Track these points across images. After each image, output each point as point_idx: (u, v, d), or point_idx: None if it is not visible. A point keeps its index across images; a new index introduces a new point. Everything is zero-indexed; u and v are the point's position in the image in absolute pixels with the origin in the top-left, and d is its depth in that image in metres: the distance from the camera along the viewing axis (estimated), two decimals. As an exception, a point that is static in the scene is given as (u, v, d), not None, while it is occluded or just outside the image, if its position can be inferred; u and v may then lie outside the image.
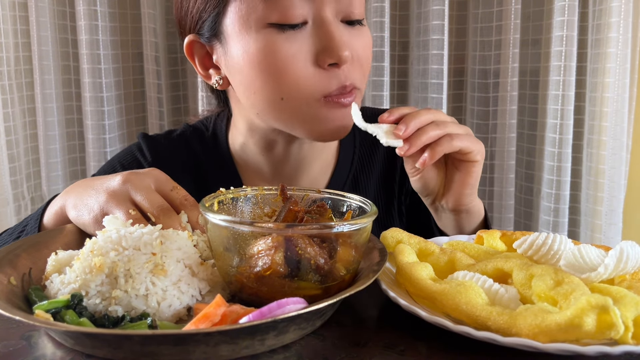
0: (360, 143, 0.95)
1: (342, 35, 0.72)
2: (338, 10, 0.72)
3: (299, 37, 0.71)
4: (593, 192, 1.47)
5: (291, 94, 0.72)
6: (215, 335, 0.44)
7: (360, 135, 0.95)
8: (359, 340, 0.49)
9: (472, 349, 0.47)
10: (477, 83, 1.50)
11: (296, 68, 0.71)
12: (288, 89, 0.72)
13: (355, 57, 0.74)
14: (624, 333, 0.43)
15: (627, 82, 1.41)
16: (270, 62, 0.71)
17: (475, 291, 0.49)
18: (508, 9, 1.42)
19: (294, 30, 0.71)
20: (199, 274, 0.55)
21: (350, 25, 0.74)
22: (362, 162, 0.94)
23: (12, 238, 0.74)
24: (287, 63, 0.71)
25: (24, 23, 1.46)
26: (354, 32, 0.75)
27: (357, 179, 0.93)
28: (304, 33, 0.71)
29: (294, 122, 0.76)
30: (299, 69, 0.71)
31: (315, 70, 0.72)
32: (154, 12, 1.47)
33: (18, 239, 0.72)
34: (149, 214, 0.61)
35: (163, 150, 0.91)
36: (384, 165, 0.94)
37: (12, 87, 1.44)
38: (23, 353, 0.47)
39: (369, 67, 0.80)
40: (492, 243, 0.65)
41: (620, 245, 0.53)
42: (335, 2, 0.72)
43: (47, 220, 0.70)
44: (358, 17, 0.74)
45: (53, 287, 0.53)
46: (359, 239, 0.54)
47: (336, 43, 0.70)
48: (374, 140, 0.93)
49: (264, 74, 0.72)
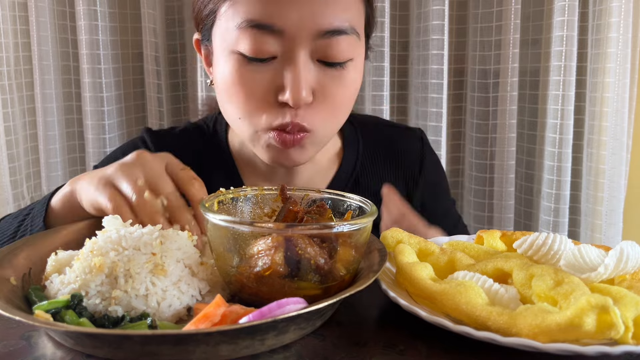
0: (364, 147, 0.95)
1: (307, 76, 0.71)
2: (314, 50, 0.71)
3: (265, 70, 0.72)
4: (593, 192, 1.47)
5: (246, 118, 0.75)
6: (215, 335, 0.44)
7: (364, 138, 0.95)
8: (359, 340, 0.49)
9: (472, 349, 0.47)
10: (477, 83, 1.50)
11: (253, 97, 0.73)
12: (243, 112, 0.75)
13: (322, 99, 0.73)
14: (624, 333, 0.43)
15: (627, 82, 1.41)
16: (232, 86, 0.74)
17: (475, 291, 0.49)
18: (508, 9, 1.42)
19: (262, 63, 0.72)
20: (199, 274, 0.55)
21: (328, 66, 0.73)
22: (364, 165, 0.94)
23: (16, 221, 0.74)
24: (247, 91, 0.73)
25: (23, 23, 1.46)
26: (330, 73, 0.73)
27: (358, 182, 0.93)
28: (270, 67, 0.72)
29: (250, 142, 0.79)
30: (257, 99, 0.73)
31: (271, 102, 0.73)
32: (154, 12, 1.47)
33: (23, 222, 0.72)
34: (161, 199, 0.62)
35: (166, 145, 0.91)
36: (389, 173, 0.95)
37: (12, 87, 1.44)
38: (23, 353, 0.47)
39: (344, 110, 0.78)
40: (492, 243, 0.65)
41: (620, 245, 0.53)
42: (310, 42, 0.71)
43: (54, 203, 0.70)
44: (340, 59, 0.73)
45: (53, 287, 0.53)
46: (359, 239, 0.54)
47: (293, 84, 0.70)
48: (379, 146, 0.95)
49: (227, 93, 0.75)
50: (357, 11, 0.74)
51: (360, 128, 0.96)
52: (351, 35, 0.73)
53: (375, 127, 0.98)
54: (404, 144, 0.97)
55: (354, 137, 0.95)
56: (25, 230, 0.71)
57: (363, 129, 0.97)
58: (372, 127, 0.98)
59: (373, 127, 0.98)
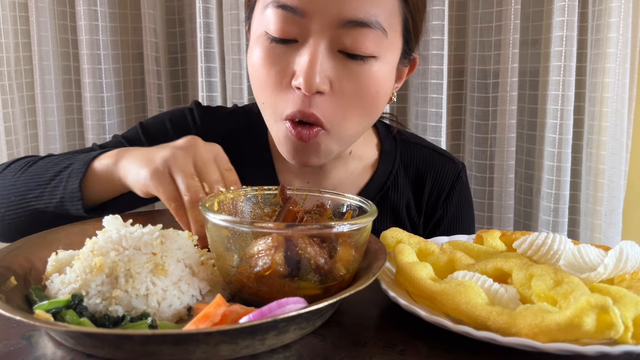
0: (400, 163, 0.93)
1: (323, 63, 0.69)
2: (335, 39, 0.70)
3: (285, 52, 0.71)
4: (593, 192, 1.47)
5: (267, 102, 0.75)
6: (215, 335, 0.44)
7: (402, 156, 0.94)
8: (359, 340, 0.49)
9: (472, 349, 0.47)
10: (477, 83, 1.50)
11: (272, 81, 0.72)
12: (264, 97, 0.75)
13: (338, 91, 0.71)
14: (624, 333, 0.43)
15: (627, 82, 1.41)
16: (256, 67, 0.74)
17: (475, 291, 0.49)
18: (508, 9, 1.42)
19: (284, 45, 0.71)
20: (199, 274, 0.55)
21: (349, 58, 0.71)
22: (396, 181, 0.93)
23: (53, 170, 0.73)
24: (266, 73, 0.72)
25: (24, 23, 1.46)
26: (350, 65, 0.71)
27: (387, 196, 0.92)
28: (291, 49, 0.71)
29: (273, 133, 0.78)
30: (274, 82, 0.72)
31: (287, 88, 0.72)
32: (154, 12, 1.47)
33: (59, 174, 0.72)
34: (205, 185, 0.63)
35: (211, 121, 0.93)
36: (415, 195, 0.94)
37: (12, 87, 1.44)
38: (23, 353, 0.47)
39: (363, 109, 0.75)
40: (492, 243, 0.65)
41: (620, 245, 0.53)
42: (332, 30, 0.69)
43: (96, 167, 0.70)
44: (360, 52, 0.70)
45: (53, 287, 0.53)
46: (359, 239, 0.54)
47: (307, 68, 0.68)
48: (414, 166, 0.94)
49: (253, 76, 0.76)
50: (388, 8, 0.72)
51: (401, 144, 0.95)
52: (376, 30, 0.70)
53: (418, 147, 0.96)
54: (438, 171, 0.95)
55: (392, 152, 0.94)
56: (59, 184, 0.71)
57: (404, 146, 0.95)
58: (414, 147, 0.96)
59: (415, 146, 0.96)
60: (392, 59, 0.76)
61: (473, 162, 1.53)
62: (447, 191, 0.95)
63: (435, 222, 0.95)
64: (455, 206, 0.96)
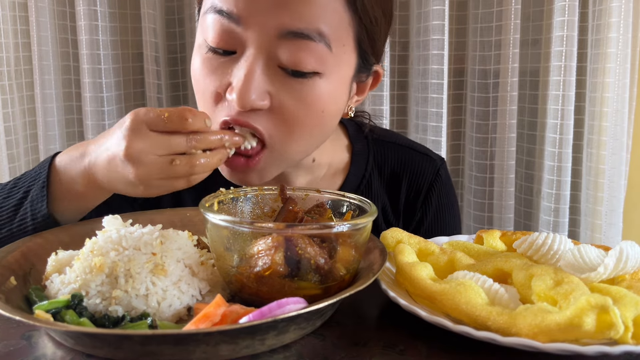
0: (373, 164, 0.89)
1: (260, 77, 0.65)
2: (275, 52, 0.65)
3: (224, 64, 0.67)
4: (593, 192, 1.47)
5: (207, 112, 0.70)
6: (215, 335, 0.44)
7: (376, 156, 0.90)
8: (359, 340, 0.49)
9: (472, 349, 0.47)
10: (477, 83, 1.50)
11: (210, 92, 0.69)
12: (204, 107, 0.71)
13: (278, 108, 0.67)
14: (624, 333, 0.43)
15: (627, 82, 1.41)
16: (195, 77, 0.71)
17: (475, 291, 0.49)
18: (508, 9, 1.42)
19: (221, 56, 0.67)
20: (199, 274, 0.55)
21: (289, 75, 0.66)
22: (370, 184, 0.88)
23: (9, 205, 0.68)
24: (204, 83, 0.69)
25: (24, 23, 1.46)
26: (290, 82, 0.66)
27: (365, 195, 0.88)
28: (229, 62, 0.67)
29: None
30: (212, 93, 0.68)
31: (222, 99, 0.68)
32: (154, 13, 1.47)
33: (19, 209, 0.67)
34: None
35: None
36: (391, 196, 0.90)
37: (12, 87, 1.44)
38: (23, 353, 0.47)
39: (306, 129, 0.69)
40: (492, 243, 0.65)
41: (620, 245, 0.53)
42: (272, 41, 0.64)
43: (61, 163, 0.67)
44: (299, 68, 0.65)
45: (53, 287, 0.53)
46: (359, 239, 0.54)
47: (241, 83, 0.64)
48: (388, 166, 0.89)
49: (193, 83, 0.72)
50: (334, 21, 0.66)
51: (374, 144, 0.90)
52: (318, 44, 0.65)
53: (392, 145, 0.91)
54: (414, 171, 0.90)
55: (363, 153, 0.89)
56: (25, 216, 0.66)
57: (377, 145, 0.90)
58: (388, 145, 0.91)
59: (389, 145, 0.91)
60: (342, 75, 0.70)
61: (473, 162, 1.53)
62: (424, 192, 0.90)
63: (415, 225, 0.91)
64: (436, 207, 0.91)
